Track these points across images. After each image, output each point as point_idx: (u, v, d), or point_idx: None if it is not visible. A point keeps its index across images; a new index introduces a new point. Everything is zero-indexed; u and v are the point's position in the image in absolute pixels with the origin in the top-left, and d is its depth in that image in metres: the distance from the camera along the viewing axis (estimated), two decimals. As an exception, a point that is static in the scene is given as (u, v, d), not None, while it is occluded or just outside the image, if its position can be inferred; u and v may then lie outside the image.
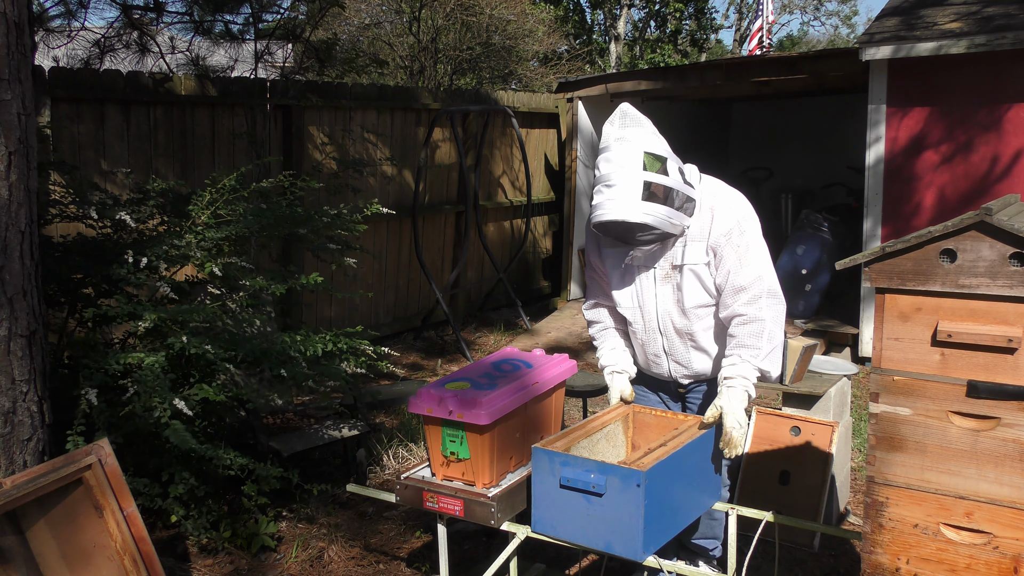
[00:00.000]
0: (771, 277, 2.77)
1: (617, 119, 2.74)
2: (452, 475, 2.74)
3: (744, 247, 2.75)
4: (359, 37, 13.23)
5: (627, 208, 2.62)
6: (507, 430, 2.71)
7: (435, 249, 7.87)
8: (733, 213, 2.77)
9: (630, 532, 2.36)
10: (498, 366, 2.91)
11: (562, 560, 3.63)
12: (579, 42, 18.07)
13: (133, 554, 2.62)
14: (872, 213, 6.74)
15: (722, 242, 2.75)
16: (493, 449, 2.66)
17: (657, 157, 2.67)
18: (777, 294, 2.77)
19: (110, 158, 5.29)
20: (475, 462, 2.66)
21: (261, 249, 4.99)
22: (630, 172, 2.63)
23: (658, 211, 2.64)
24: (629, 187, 2.63)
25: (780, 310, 2.78)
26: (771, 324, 2.74)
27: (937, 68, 6.36)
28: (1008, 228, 2.07)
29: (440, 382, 2.80)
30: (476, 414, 2.59)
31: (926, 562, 2.25)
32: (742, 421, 2.72)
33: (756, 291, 2.73)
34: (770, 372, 2.79)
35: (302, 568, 3.63)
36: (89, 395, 3.11)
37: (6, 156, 2.70)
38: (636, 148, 2.66)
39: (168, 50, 6.07)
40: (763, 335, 2.73)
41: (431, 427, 2.73)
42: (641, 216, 2.62)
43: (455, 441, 2.67)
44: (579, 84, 8.79)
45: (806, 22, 48.07)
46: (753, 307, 2.73)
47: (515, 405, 2.71)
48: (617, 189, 2.63)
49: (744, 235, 2.76)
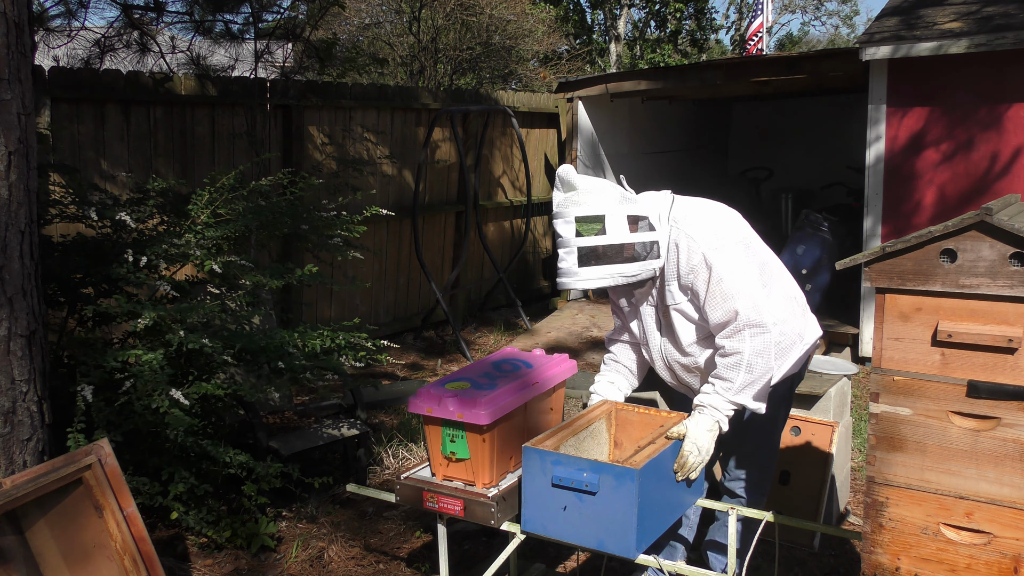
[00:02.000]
0: (751, 306, 2.63)
1: (558, 185, 2.72)
2: (452, 475, 2.74)
3: (716, 280, 2.65)
4: (359, 37, 13.24)
5: (572, 279, 2.67)
6: (507, 430, 2.71)
7: (435, 249, 7.87)
8: (697, 245, 2.66)
9: (623, 530, 2.36)
10: (498, 366, 2.91)
11: (562, 560, 3.63)
12: (579, 42, 18.07)
13: (133, 554, 2.62)
14: (872, 213, 6.74)
15: (691, 279, 2.69)
16: (493, 449, 2.65)
17: (593, 219, 2.64)
18: (759, 324, 2.62)
19: (110, 158, 5.29)
20: (475, 462, 2.66)
21: (261, 248, 4.99)
22: (567, 241, 2.67)
23: (601, 273, 2.64)
24: (570, 259, 2.66)
25: (764, 339, 2.63)
26: (750, 356, 2.63)
27: (937, 68, 6.36)
28: (1008, 228, 2.07)
29: (440, 382, 2.80)
30: (476, 414, 2.58)
31: (926, 562, 2.25)
32: (701, 447, 2.65)
33: (735, 325, 2.64)
34: (747, 406, 2.68)
35: (302, 568, 3.63)
36: (85, 391, 3.12)
37: (6, 156, 2.70)
38: (571, 215, 2.66)
39: (168, 50, 6.07)
40: (740, 367, 2.64)
41: (431, 427, 2.73)
42: (585, 283, 2.65)
43: (455, 441, 2.67)
44: (579, 84, 8.79)
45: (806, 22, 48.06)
46: (732, 340, 2.65)
47: (515, 405, 2.71)
48: (563, 261, 2.69)
49: (712, 267, 2.64)
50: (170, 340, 3.37)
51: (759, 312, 2.64)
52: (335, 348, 3.87)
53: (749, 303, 2.63)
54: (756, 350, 2.63)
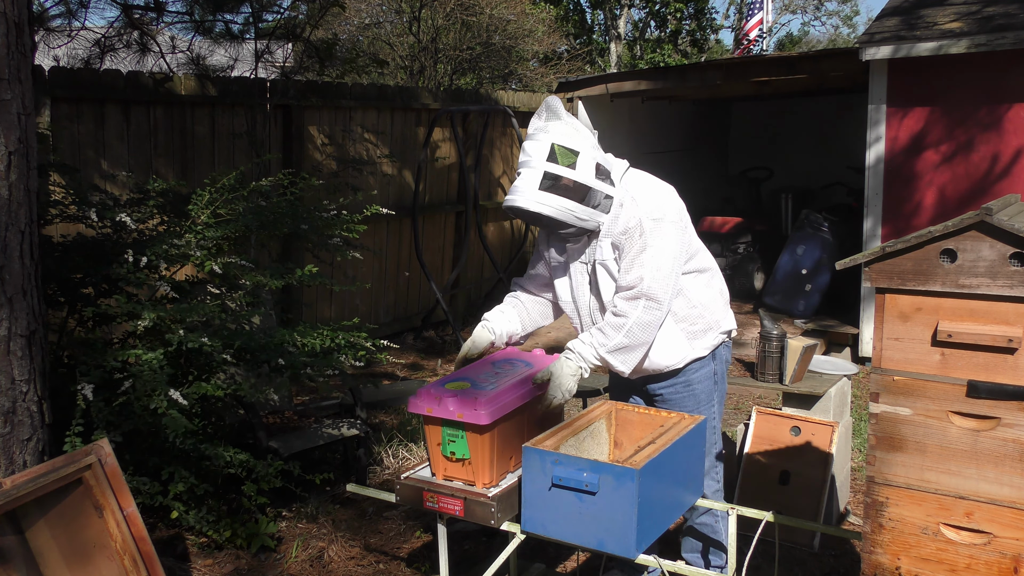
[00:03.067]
0: (658, 282, 2.72)
1: (541, 112, 2.78)
2: (452, 475, 2.74)
3: (640, 247, 2.73)
4: (359, 37, 13.24)
5: (524, 196, 2.68)
6: (507, 430, 2.70)
7: (435, 249, 7.87)
8: (639, 211, 2.74)
9: (623, 530, 2.36)
10: (498, 366, 2.90)
11: (562, 560, 3.63)
12: (579, 42, 18.07)
13: (133, 554, 2.62)
14: (872, 213, 6.74)
15: (622, 240, 2.76)
16: (493, 449, 2.65)
17: (569, 151, 2.69)
18: (656, 299, 2.72)
19: (110, 158, 5.29)
20: (475, 462, 2.66)
21: (261, 248, 4.99)
22: (535, 162, 2.69)
23: (555, 202, 2.67)
24: (530, 176, 2.69)
25: (654, 315, 2.74)
26: (634, 323, 2.73)
27: (937, 68, 6.36)
28: (1008, 228, 2.07)
29: (440, 382, 2.78)
30: (476, 414, 2.58)
31: (926, 562, 2.25)
32: (565, 391, 2.73)
33: (634, 292, 2.74)
34: (615, 366, 2.79)
35: (302, 568, 3.63)
36: (85, 391, 3.12)
37: (6, 156, 2.70)
38: (547, 140, 2.70)
39: (168, 50, 6.07)
40: (621, 330, 2.74)
41: (431, 427, 2.72)
42: (535, 205, 2.68)
43: (455, 441, 2.66)
44: (579, 84, 8.79)
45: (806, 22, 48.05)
46: (626, 304, 2.75)
47: (515, 405, 2.70)
48: (521, 178, 2.71)
49: (644, 235, 2.73)
50: (170, 340, 3.37)
51: (662, 289, 2.73)
52: (335, 348, 3.87)
53: (658, 277, 2.72)
54: (642, 321, 2.73)
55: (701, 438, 2.78)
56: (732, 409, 5.81)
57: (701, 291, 2.91)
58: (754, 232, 9.17)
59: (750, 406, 5.51)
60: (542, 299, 3.13)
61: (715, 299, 2.96)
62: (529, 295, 3.13)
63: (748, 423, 3.94)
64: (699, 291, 2.90)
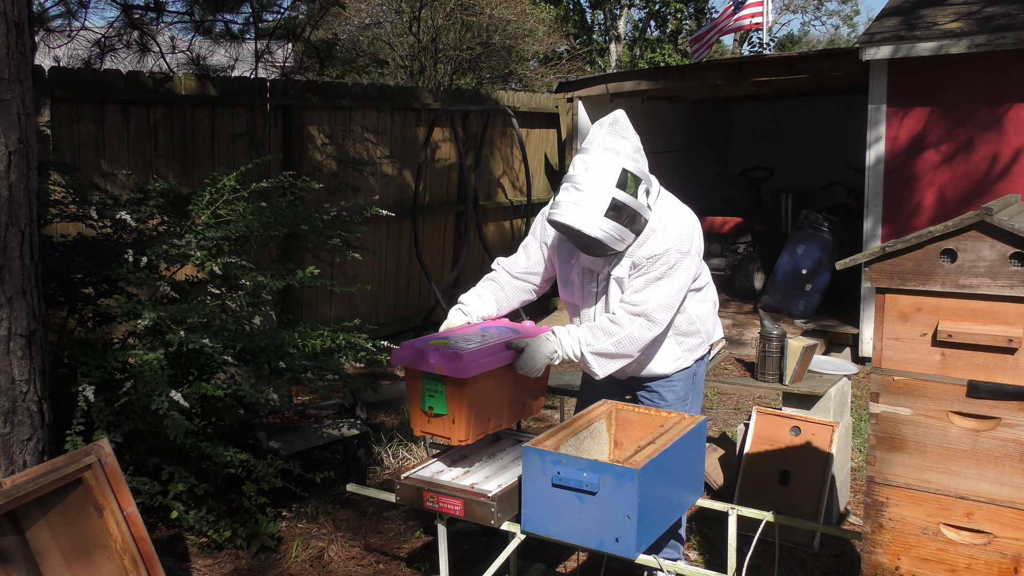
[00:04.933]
0: (663, 308, 2.78)
1: (608, 124, 2.73)
2: (429, 431, 2.73)
3: (659, 275, 2.77)
4: (359, 37, 13.24)
5: (587, 219, 2.64)
6: (487, 389, 2.68)
7: (435, 249, 7.87)
8: (667, 241, 2.77)
9: (624, 530, 2.36)
10: (485, 330, 2.91)
11: (562, 560, 3.63)
12: (579, 42, 18.08)
13: (133, 554, 2.62)
14: (872, 213, 6.74)
15: (645, 263, 2.79)
16: (472, 406, 2.63)
17: (635, 178, 2.68)
18: (656, 320, 2.78)
19: (110, 158, 5.29)
20: (452, 418, 2.64)
21: (261, 248, 4.99)
22: (603, 185, 2.64)
23: (614, 229, 2.67)
24: (596, 199, 2.64)
25: (648, 334, 2.79)
26: (626, 337, 2.78)
27: (937, 68, 6.36)
28: (1008, 228, 2.07)
29: (426, 338, 2.78)
30: (456, 367, 2.56)
31: (926, 562, 2.25)
32: (531, 369, 2.74)
33: (639, 309, 2.78)
34: (592, 368, 2.82)
35: (302, 568, 3.63)
36: (86, 391, 3.12)
37: (6, 156, 2.69)
38: (618, 163, 2.66)
39: (168, 50, 6.07)
40: (612, 337, 2.78)
41: (412, 380, 2.71)
42: (597, 231, 2.65)
43: (434, 396, 2.64)
44: (579, 84, 8.79)
45: (806, 22, 48.05)
46: (626, 317, 2.79)
47: (496, 364, 2.68)
48: (584, 196, 2.65)
49: (664, 266, 2.77)
50: (170, 340, 3.37)
51: (665, 315, 2.80)
52: (335, 348, 3.87)
53: (664, 303, 2.78)
54: (634, 336, 2.78)
55: (701, 438, 2.78)
56: (732, 409, 5.81)
57: (699, 306, 3.00)
58: (754, 232, 9.18)
59: (750, 406, 5.51)
60: (524, 283, 3.14)
61: (710, 312, 3.06)
62: (510, 277, 3.13)
63: (748, 423, 3.94)
64: (697, 305, 2.99)
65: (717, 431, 5.13)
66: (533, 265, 3.10)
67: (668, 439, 2.61)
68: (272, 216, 4.02)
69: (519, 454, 2.83)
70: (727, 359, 4.51)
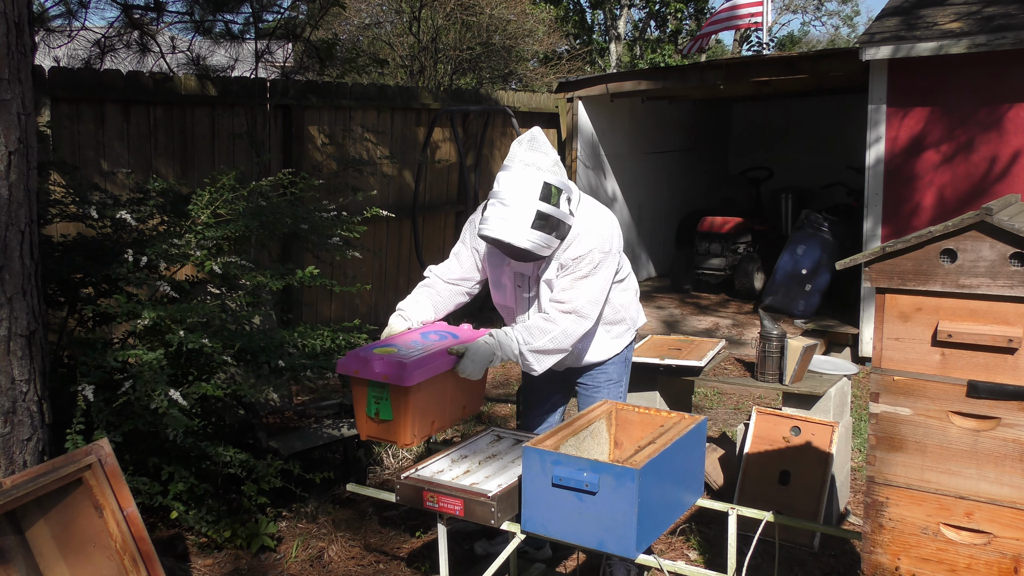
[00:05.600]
0: (591, 303, 2.95)
1: (527, 141, 2.86)
2: (375, 435, 2.86)
3: (583, 275, 2.94)
4: (359, 37, 13.25)
5: (515, 232, 2.78)
6: (428, 394, 2.81)
7: (435, 249, 7.87)
8: (590, 243, 2.93)
9: (623, 530, 2.36)
10: (426, 336, 3.05)
11: (562, 560, 3.63)
12: (579, 42, 18.08)
13: (133, 553, 2.62)
14: (872, 213, 6.74)
15: (571, 264, 2.95)
16: (416, 411, 2.76)
17: (556, 189, 2.81)
18: (586, 315, 2.95)
19: (110, 158, 5.29)
20: (396, 422, 2.77)
21: (261, 248, 4.99)
22: (528, 198, 2.77)
23: (541, 239, 2.81)
24: (522, 212, 2.77)
25: (580, 328, 2.95)
26: (560, 333, 2.93)
27: (937, 68, 6.36)
28: (1008, 228, 2.07)
29: (369, 347, 2.91)
30: (400, 375, 2.69)
31: (926, 562, 2.25)
32: (472, 374, 2.85)
33: (569, 307, 2.93)
34: (531, 365, 2.96)
35: (302, 568, 3.63)
36: (86, 391, 3.12)
37: (6, 156, 2.70)
38: (539, 177, 2.79)
39: (168, 50, 6.07)
40: (547, 335, 2.92)
41: (358, 388, 2.83)
42: (525, 242, 2.79)
43: (380, 403, 2.77)
44: (579, 84, 8.79)
45: (806, 22, 48.09)
46: (558, 314, 2.94)
47: (438, 371, 2.81)
48: (511, 210, 2.78)
49: (589, 265, 2.93)
50: (170, 340, 3.37)
51: (593, 309, 2.98)
52: (335, 348, 3.88)
53: (592, 299, 2.96)
54: (568, 332, 2.94)
55: (701, 438, 2.78)
56: (732, 409, 5.81)
57: (621, 295, 3.20)
58: (754, 232, 9.17)
59: (750, 406, 5.51)
60: (458, 287, 3.28)
61: (632, 300, 3.27)
62: (442, 282, 3.27)
63: (748, 423, 3.94)
64: (620, 295, 3.20)
65: (717, 431, 5.13)
66: (466, 271, 3.26)
67: (668, 439, 2.61)
68: (272, 215, 4.02)
69: (519, 454, 2.83)
70: (727, 359, 4.51)
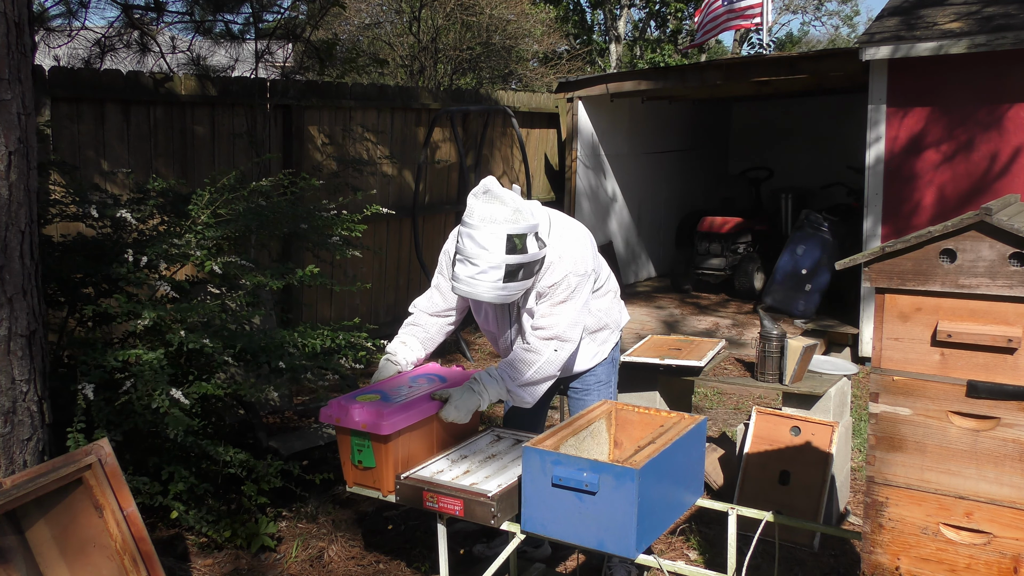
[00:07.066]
0: (572, 327, 2.95)
1: (482, 195, 2.80)
2: (361, 482, 2.86)
3: (560, 300, 2.93)
4: (359, 37, 13.25)
5: (487, 289, 2.77)
6: (412, 440, 2.82)
7: (435, 249, 7.81)
8: (564, 268, 2.92)
9: (623, 530, 2.37)
10: (414, 380, 3.06)
11: (562, 560, 3.63)
12: (579, 42, 18.07)
13: (133, 553, 2.62)
14: (872, 213, 6.74)
15: (548, 291, 2.95)
16: (397, 458, 2.76)
17: (520, 237, 2.77)
18: (568, 339, 2.95)
19: (110, 158, 5.29)
20: (379, 470, 2.78)
21: (261, 248, 4.99)
22: (493, 256, 2.74)
23: (514, 287, 2.81)
24: (491, 270, 2.76)
25: (564, 354, 2.96)
26: (544, 362, 2.94)
27: (937, 68, 6.36)
28: (1008, 228, 2.07)
29: (353, 394, 2.91)
30: (378, 425, 2.69)
31: (926, 562, 2.25)
32: (456, 419, 2.87)
33: (550, 333, 2.93)
34: (522, 399, 2.99)
35: (302, 568, 3.63)
36: (86, 390, 3.12)
37: (6, 156, 2.70)
38: (501, 231, 2.74)
39: (168, 50, 6.07)
40: (531, 366, 2.93)
41: (342, 436, 2.85)
42: (499, 296, 2.80)
43: (363, 450, 2.78)
44: (579, 84, 8.79)
45: (806, 22, 48.09)
46: (540, 343, 2.94)
47: (420, 417, 2.82)
48: (480, 270, 2.76)
49: (566, 290, 2.93)
50: (170, 340, 3.37)
51: (575, 332, 2.97)
52: (335, 348, 3.88)
53: (572, 321, 2.95)
54: (552, 360, 2.95)
55: (701, 438, 2.78)
56: (732, 409, 5.81)
57: (600, 301, 3.20)
58: (754, 232, 9.17)
59: (750, 406, 5.51)
60: (442, 318, 3.29)
61: (611, 302, 3.26)
62: (428, 316, 3.28)
63: (748, 423, 3.94)
64: (599, 301, 3.19)
65: (717, 431, 5.13)
66: (449, 302, 3.26)
67: (668, 439, 2.61)
68: (272, 215, 4.02)
69: (519, 454, 2.83)
70: (727, 359, 4.51)
